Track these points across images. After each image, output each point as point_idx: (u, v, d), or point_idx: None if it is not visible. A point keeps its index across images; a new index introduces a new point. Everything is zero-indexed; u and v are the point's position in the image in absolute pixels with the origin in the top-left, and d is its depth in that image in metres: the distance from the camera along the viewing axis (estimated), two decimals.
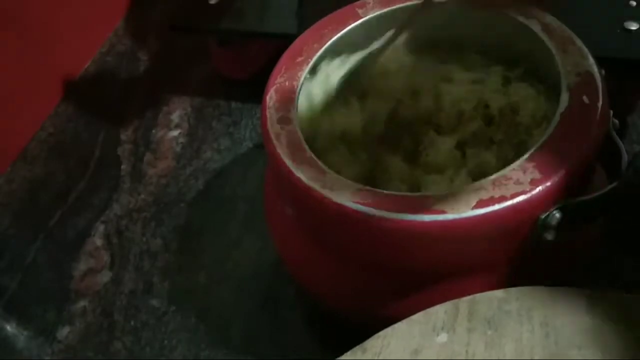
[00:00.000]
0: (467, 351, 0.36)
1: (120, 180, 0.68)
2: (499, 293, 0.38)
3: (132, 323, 0.56)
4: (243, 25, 0.69)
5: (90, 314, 0.57)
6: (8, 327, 0.58)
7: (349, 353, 0.37)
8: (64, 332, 0.56)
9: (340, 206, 0.39)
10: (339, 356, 0.37)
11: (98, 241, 0.63)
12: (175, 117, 0.73)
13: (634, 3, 0.58)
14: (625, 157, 0.41)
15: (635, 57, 0.56)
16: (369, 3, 0.52)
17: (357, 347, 0.37)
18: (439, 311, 0.38)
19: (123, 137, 0.72)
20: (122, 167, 0.69)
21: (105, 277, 0.60)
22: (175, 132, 0.71)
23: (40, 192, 0.69)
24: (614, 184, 0.40)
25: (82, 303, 0.58)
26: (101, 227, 0.64)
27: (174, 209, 0.64)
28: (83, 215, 0.65)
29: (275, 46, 0.51)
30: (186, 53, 0.80)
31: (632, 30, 0.56)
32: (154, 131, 0.72)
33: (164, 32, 0.84)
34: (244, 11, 0.69)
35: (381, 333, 0.38)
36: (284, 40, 0.51)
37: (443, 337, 0.36)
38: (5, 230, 0.66)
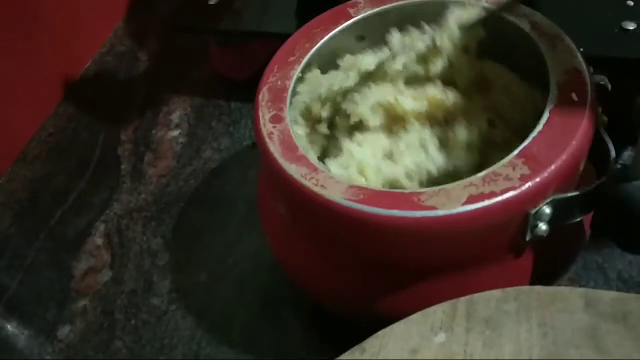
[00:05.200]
0: (465, 351, 0.36)
1: (121, 179, 0.68)
2: (496, 293, 0.38)
3: (133, 322, 0.56)
4: (243, 26, 0.69)
5: (91, 313, 0.57)
6: (9, 327, 0.58)
7: (347, 353, 0.38)
8: (64, 331, 0.57)
9: (332, 203, 0.39)
10: (338, 356, 0.38)
11: (98, 240, 0.63)
12: (175, 117, 0.73)
13: (632, 3, 0.59)
14: (612, 153, 0.42)
15: (632, 56, 0.56)
16: (360, 2, 0.52)
17: (356, 347, 0.38)
18: (437, 311, 0.38)
19: (123, 137, 0.72)
20: (122, 166, 0.69)
21: (105, 276, 0.60)
22: (175, 132, 0.72)
23: (41, 191, 0.69)
24: (602, 180, 0.40)
25: (82, 302, 0.58)
26: (101, 227, 0.64)
27: (174, 208, 0.64)
28: (83, 215, 0.66)
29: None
30: (186, 53, 0.81)
31: (629, 29, 0.57)
32: (154, 131, 0.72)
33: (164, 32, 0.84)
34: (243, 11, 0.69)
35: (380, 333, 0.38)
36: (283, 40, 0.52)
37: (441, 337, 0.37)
38: (5, 229, 0.66)
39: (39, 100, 0.76)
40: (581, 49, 0.54)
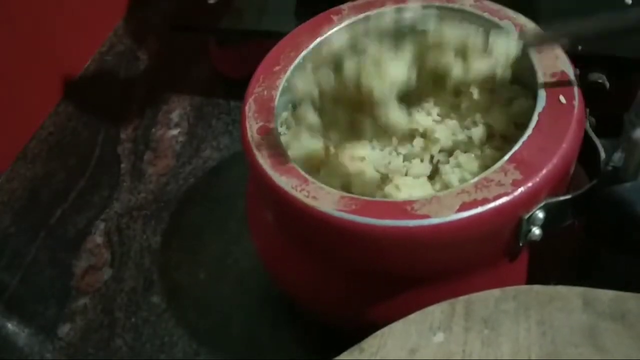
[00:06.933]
0: (464, 350, 0.36)
1: (121, 178, 0.68)
2: (495, 292, 0.38)
3: (133, 320, 0.56)
4: (242, 24, 0.69)
5: (91, 311, 0.58)
6: (9, 325, 0.58)
7: (346, 353, 0.38)
8: (64, 329, 0.57)
9: (324, 214, 0.39)
10: (337, 355, 0.38)
11: (98, 239, 0.63)
12: (175, 116, 0.73)
13: (630, 1, 0.59)
14: (602, 155, 0.42)
15: (630, 55, 0.56)
16: (344, 10, 0.52)
17: (355, 346, 0.38)
18: (436, 311, 0.38)
19: (123, 135, 0.73)
20: (122, 165, 0.69)
21: (105, 274, 0.60)
22: (175, 131, 0.72)
23: (41, 190, 0.69)
24: (593, 182, 0.40)
25: (82, 300, 0.59)
26: (101, 225, 0.64)
27: (173, 206, 0.65)
28: (83, 213, 0.66)
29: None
30: (186, 52, 0.81)
31: (623, 16, 0.56)
32: (153, 130, 0.72)
33: (164, 32, 0.84)
34: (243, 10, 0.69)
35: (378, 332, 0.38)
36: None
37: (440, 337, 0.37)
38: (6, 228, 0.66)
39: (39, 99, 0.76)
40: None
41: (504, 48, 0.44)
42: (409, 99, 0.47)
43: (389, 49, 0.43)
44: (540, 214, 0.39)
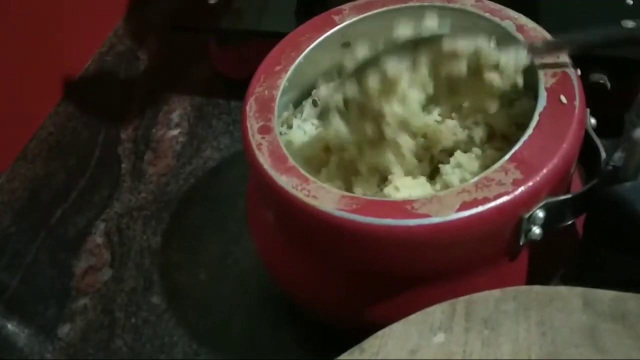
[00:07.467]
0: (464, 351, 0.36)
1: (121, 178, 0.68)
2: (495, 292, 0.38)
3: (133, 320, 0.56)
4: (242, 25, 0.69)
5: (91, 312, 0.58)
6: (9, 325, 0.58)
7: (347, 353, 0.38)
8: (64, 329, 0.57)
9: (324, 214, 0.39)
10: (338, 356, 0.38)
11: (99, 239, 0.63)
12: (175, 116, 0.73)
13: (631, 2, 0.59)
14: (603, 155, 0.42)
15: (631, 55, 0.56)
16: (345, 10, 0.52)
17: (355, 347, 0.38)
18: (436, 311, 0.38)
19: (123, 136, 0.72)
20: (123, 165, 0.69)
21: (106, 274, 0.60)
22: (175, 131, 0.72)
23: (41, 190, 0.69)
24: (594, 182, 0.40)
25: (83, 301, 0.58)
26: (102, 225, 0.64)
27: (174, 207, 0.65)
28: (84, 214, 0.66)
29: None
30: (186, 52, 0.81)
31: (629, 28, 0.57)
32: (154, 130, 0.72)
33: (164, 32, 0.84)
34: (243, 10, 0.69)
35: (379, 333, 0.38)
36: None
37: (440, 337, 0.37)
38: (6, 228, 0.66)
39: (39, 99, 0.76)
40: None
41: (514, 61, 0.44)
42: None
43: (406, 68, 0.43)
44: (541, 214, 0.39)
